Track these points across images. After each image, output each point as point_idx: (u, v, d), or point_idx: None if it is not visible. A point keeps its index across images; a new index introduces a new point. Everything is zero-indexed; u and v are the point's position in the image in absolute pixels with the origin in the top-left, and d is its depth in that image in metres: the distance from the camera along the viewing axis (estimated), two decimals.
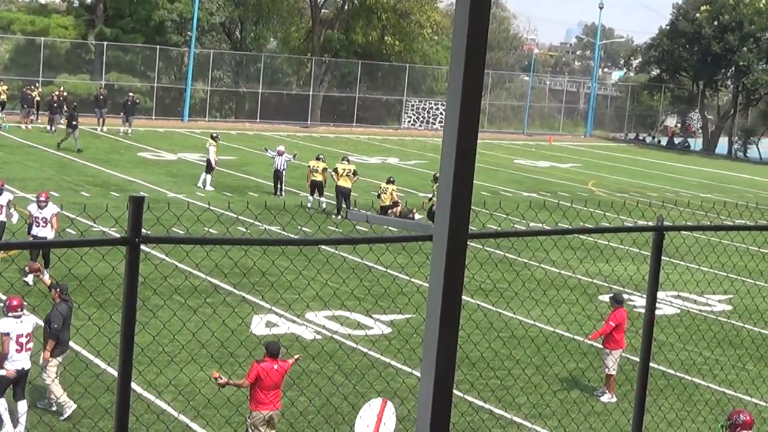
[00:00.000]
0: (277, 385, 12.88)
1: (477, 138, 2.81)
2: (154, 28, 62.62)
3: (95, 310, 14.77)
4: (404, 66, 70.47)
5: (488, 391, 15.82)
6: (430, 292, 2.88)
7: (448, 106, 2.82)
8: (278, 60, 70.68)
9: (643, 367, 6.63)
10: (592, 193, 42.07)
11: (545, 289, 18.37)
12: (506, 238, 20.64)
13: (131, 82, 61.20)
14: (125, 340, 4.59)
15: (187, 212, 12.56)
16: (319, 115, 67.86)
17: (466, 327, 16.51)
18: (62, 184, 33.42)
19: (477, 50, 2.78)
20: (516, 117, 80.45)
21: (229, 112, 68.28)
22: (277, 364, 12.87)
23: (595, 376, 17.15)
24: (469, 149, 2.81)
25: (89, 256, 14.69)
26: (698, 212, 16.45)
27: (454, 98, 2.79)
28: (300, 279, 17.75)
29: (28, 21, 62.42)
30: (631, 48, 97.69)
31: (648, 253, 6.45)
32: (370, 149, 54.22)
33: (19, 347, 13.54)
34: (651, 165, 58.48)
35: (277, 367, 12.83)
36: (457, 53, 2.78)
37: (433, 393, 2.87)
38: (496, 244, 22.18)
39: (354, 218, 4.32)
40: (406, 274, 19.40)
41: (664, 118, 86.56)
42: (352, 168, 31.87)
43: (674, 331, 18.76)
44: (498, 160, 52.21)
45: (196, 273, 19.43)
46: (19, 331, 13.60)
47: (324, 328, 18.67)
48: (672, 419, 14.64)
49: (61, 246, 6.16)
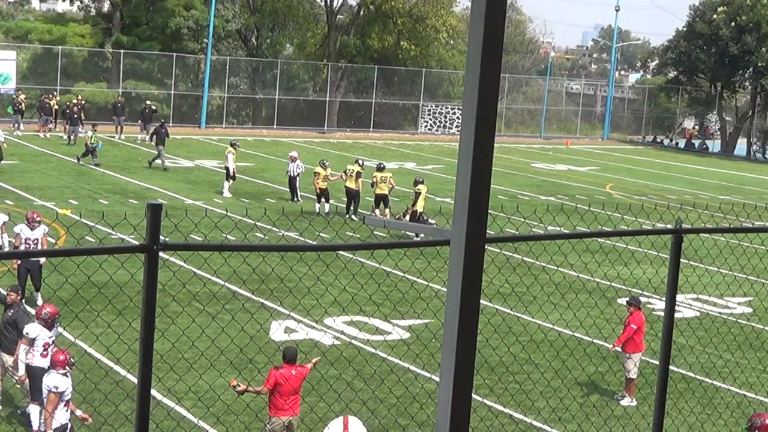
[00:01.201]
0: (296, 391, 12.89)
1: (494, 142, 2.81)
2: (170, 35, 62.83)
3: (114, 318, 14.79)
4: (420, 71, 70.47)
5: (507, 396, 15.80)
6: (448, 296, 2.88)
7: (465, 109, 2.81)
8: (294, 66, 70.79)
9: (663, 370, 6.61)
10: (611, 196, 41.96)
11: (564, 293, 18.33)
12: (524, 242, 20.61)
13: (148, 90, 61.40)
14: (144, 347, 4.60)
15: (204, 219, 12.62)
16: (336, 121, 67.92)
17: (485, 331, 16.52)
18: (81, 192, 33.54)
19: (493, 53, 2.77)
20: (533, 121, 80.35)
21: (245, 118, 68.41)
22: (295, 369, 12.89)
23: (614, 379, 17.10)
24: (486, 153, 2.81)
25: (108, 264, 14.73)
26: (717, 214, 16.35)
27: (470, 102, 2.79)
28: (318, 285, 17.77)
29: (46, 30, 62.70)
30: (647, 50, 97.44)
31: (667, 256, 6.43)
32: (387, 154, 54.22)
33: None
34: (669, 167, 58.30)
35: (295, 373, 12.85)
36: (473, 57, 2.77)
37: (452, 397, 2.87)
38: (513, 248, 22.14)
39: (371, 223, 4.35)
40: (425, 279, 19.39)
41: (682, 120, 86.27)
42: (358, 169, 32.22)
43: (694, 333, 18.70)
44: (515, 164, 52.14)
45: (214, 279, 19.47)
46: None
47: (342, 333, 18.67)
48: (692, 422, 14.58)
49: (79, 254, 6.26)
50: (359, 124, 69.16)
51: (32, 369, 13.70)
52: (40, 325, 13.88)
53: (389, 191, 31.23)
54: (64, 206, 29.57)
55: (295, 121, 66.65)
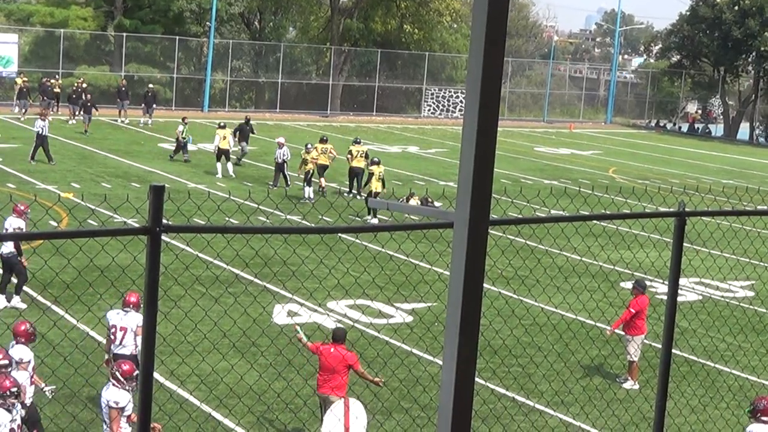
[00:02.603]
0: (335, 371, 12.93)
1: (497, 125, 2.81)
2: (173, 18, 62.75)
3: (116, 301, 14.81)
4: (424, 54, 70.37)
5: (510, 379, 15.81)
6: (451, 279, 2.86)
7: (468, 93, 2.80)
8: (297, 49, 70.69)
9: (666, 353, 6.60)
10: (614, 180, 41.93)
11: (567, 276, 18.33)
12: (527, 224, 20.60)
13: (151, 73, 61.32)
14: (147, 329, 4.59)
15: (207, 202, 12.53)
16: (339, 105, 67.86)
17: (488, 314, 16.51)
18: (83, 175, 33.53)
19: (496, 37, 2.76)
20: (536, 104, 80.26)
21: (248, 102, 68.34)
22: (335, 348, 13.01)
23: (617, 363, 17.11)
24: (489, 136, 2.79)
25: (110, 246, 14.74)
26: (719, 198, 16.37)
27: (473, 85, 2.78)
28: (321, 268, 17.77)
29: (48, 13, 62.57)
30: (651, 34, 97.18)
31: (670, 240, 6.41)
32: (390, 138, 54.19)
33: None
34: (672, 151, 58.24)
35: (334, 351, 12.95)
36: (476, 41, 2.76)
37: (455, 381, 2.86)
38: (517, 231, 22.13)
39: (374, 206, 4.26)
40: (428, 262, 19.37)
41: (685, 104, 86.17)
42: (365, 150, 33.12)
43: (696, 317, 18.70)
44: (518, 148, 52.10)
45: (217, 263, 19.47)
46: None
47: (345, 316, 18.68)
48: (695, 405, 14.59)
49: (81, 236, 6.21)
50: (362, 108, 69.10)
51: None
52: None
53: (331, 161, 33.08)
54: (67, 190, 29.57)
55: (298, 104, 66.60)
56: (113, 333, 13.88)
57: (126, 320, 13.93)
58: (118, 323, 13.95)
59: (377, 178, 29.85)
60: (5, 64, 55.79)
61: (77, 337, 16.21)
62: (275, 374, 14.88)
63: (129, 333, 13.88)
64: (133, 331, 13.81)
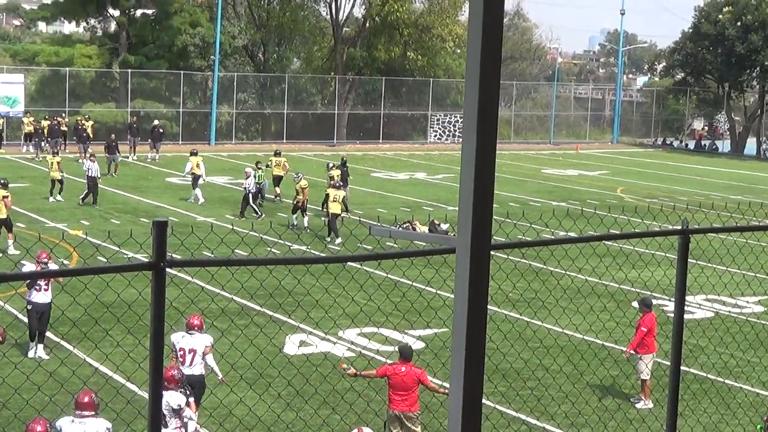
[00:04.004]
0: (407, 388, 13.43)
1: (496, 148, 2.82)
2: (177, 53, 63.05)
3: (123, 336, 14.87)
4: (428, 80, 70.55)
5: (520, 402, 15.79)
6: (455, 303, 2.88)
7: (466, 116, 2.83)
8: (302, 80, 70.93)
9: (675, 371, 6.59)
10: (622, 199, 41.92)
11: (572, 297, 18.33)
12: (531, 247, 20.60)
13: (157, 108, 61.61)
14: (154, 364, 4.61)
15: (211, 235, 12.67)
16: (345, 134, 68.02)
17: (495, 338, 16.52)
18: (92, 212, 33.65)
19: (492, 61, 2.78)
20: (542, 127, 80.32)
21: (255, 134, 68.53)
22: (405, 366, 13.47)
23: (628, 383, 17.07)
24: (488, 161, 2.81)
25: (116, 282, 14.79)
26: (723, 213, 16.35)
27: (471, 111, 2.80)
28: (326, 297, 17.82)
29: (53, 52, 62.94)
30: (654, 53, 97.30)
31: (675, 257, 6.43)
32: (398, 165, 54.29)
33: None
34: (679, 169, 58.20)
35: (405, 370, 13.42)
36: (472, 65, 2.79)
37: (463, 404, 2.87)
38: (521, 253, 22.15)
39: (377, 233, 4.31)
40: (433, 288, 19.40)
41: (691, 121, 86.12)
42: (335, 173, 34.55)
43: (704, 333, 18.67)
44: (526, 171, 52.12)
45: (223, 294, 19.52)
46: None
47: (353, 344, 18.70)
48: (707, 423, 14.55)
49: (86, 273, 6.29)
50: (368, 136, 69.24)
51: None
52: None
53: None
54: (76, 227, 29.69)
55: (304, 134, 66.76)
56: (182, 356, 14.35)
57: (193, 342, 14.45)
58: (186, 346, 14.43)
59: (333, 200, 29.97)
60: (12, 104, 56.07)
61: (88, 373, 16.26)
62: (285, 405, 14.90)
63: (197, 354, 14.40)
64: (201, 352, 14.40)
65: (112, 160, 43.88)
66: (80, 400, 11.66)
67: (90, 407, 11.63)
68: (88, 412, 11.61)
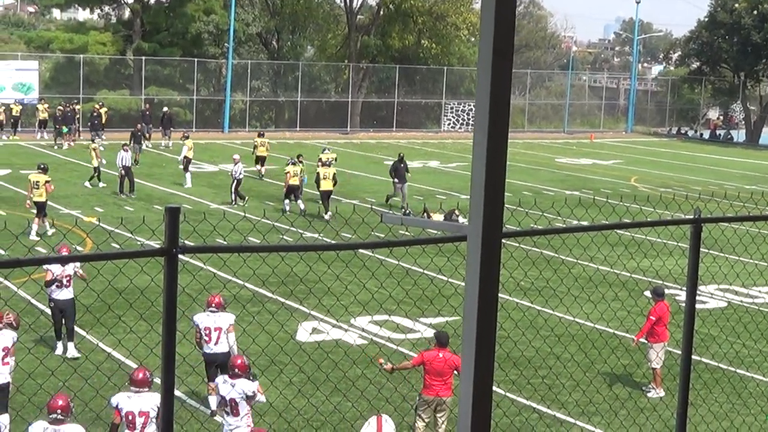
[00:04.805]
0: (444, 374, 13.53)
1: (508, 136, 2.82)
2: (191, 40, 63.10)
3: (136, 321, 14.94)
4: (442, 69, 70.46)
5: (531, 390, 15.81)
6: (466, 291, 2.88)
7: (478, 105, 2.82)
8: (316, 68, 70.92)
9: (686, 360, 6.59)
10: (636, 189, 41.84)
11: (584, 286, 18.34)
12: (542, 235, 20.62)
13: (170, 96, 61.69)
14: (167, 350, 4.63)
15: (224, 222, 12.74)
16: (359, 122, 68.02)
17: (506, 326, 16.53)
18: (106, 199, 33.75)
19: (504, 50, 2.78)
20: (556, 115, 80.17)
21: (268, 121, 68.57)
22: (443, 353, 13.52)
23: (639, 372, 17.07)
24: (499, 149, 2.81)
25: (128, 268, 14.86)
26: (736, 203, 16.33)
27: (483, 99, 2.79)
28: (338, 284, 17.85)
29: (67, 39, 63.02)
30: (669, 42, 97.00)
31: (687, 246, 6.43)
32: (411, 153, 54.21)
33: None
34: (694, 158, 58.05)
35: (443, 356, 13.49)
36: (484, 53, 2.78)
37: (473, 392, 2.87)
38: (532, 242, 22.16)
39: (389, 221, 4.31)
40: (444, 276, 19.41)
41: (706, 110, 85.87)
42: (334, 156, 36.08)
43: (716, 323, 18.65)
44: (540, 160, 52.05)
45: (235, 280, 19.58)
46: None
47: (363, 331, 18.74)
48: (717, 412, 14.55)
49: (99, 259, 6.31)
50: (382, 124, 69.23)
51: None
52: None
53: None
54: (90, 214, 29.78)
55: (318, 122, 66.79)
56: (207, 334, 14.61)
57: (218, 321, 14.69)
58: (212, 324, 14.66)
59: (323, 177, 31.44)
60: (26, 91, 56.22)
61: (100, 359, 16.35)
62: (296, 391, 14.95)
63: (222, 332, 14.65)
64: (226, 330, 14.64)
65: (138, 149, 44.13)
66: (135, 377, 12.03)
67: (145, 383, 12.01)
68: (145, 389, 11.97)
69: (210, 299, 14.89)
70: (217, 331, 14.65)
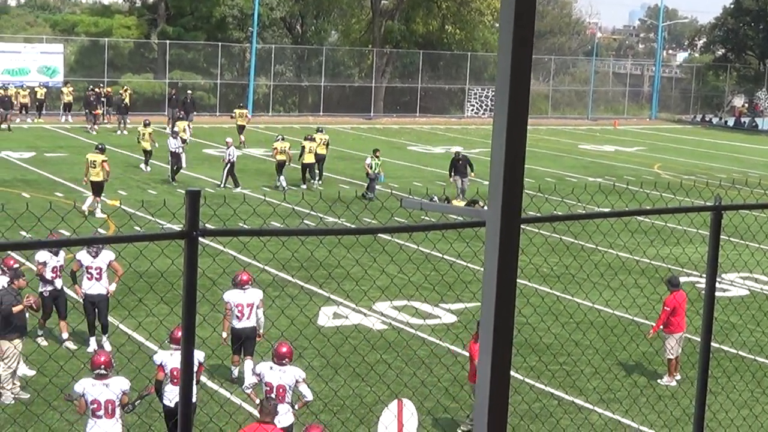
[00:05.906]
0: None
1: (527, 120, 2.83)
2: (215, 24, 63.20)
3: (156, 304, 15.03)
4: (466, 54, 70.33)
5: (549, 376, 15.82)
6: (485, 276, 2.89)
7: (498, 93, 2.82)
8: (340, 53, 70.92)
9: (705, 348, 6.58)
10: (659, 176, 41.68)
11: (603, 272, 18.30)
12: (562, 222, 20.60)
13: (194, 80, 61.82)
14: (186, 332, 4.66)
15: (245, 206, 12.80)
16: (382, 107, 68.01)
17: (525, 311, 16.55)
18: (130, 183, 33.90)
19: (525, 36, 2.79)
20: (580, 102, 79.90)
21: (292, 106, 68.64)
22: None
23: (658, 359, 17.03)
24: (519, 134, 2.82)
25: (149, 250, 14.94)
26: (757, 191, 16.26)
27: (503, 85, 2.80)
28: (358, 268, 17.91)
29: (92, 23, 63.28)
30: (695, 28, 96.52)
31: (708, 233, 6.42)
32: (434, 139, 54.23)
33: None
34: (718, 146, 57.77)
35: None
36: (504, 39, 2.79)
37: (491, 377, 2.89)
38: (552, 228, 22.14)
39: (408, 206, 4.31)
40: (464, 261, 19.42)
41: (731, 98, 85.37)
42: (327, 138, 36.61)
43: (735, 311, 18.60)
44: (563, 146, 51.92)
45: (255, 264, 19.65)
46: None
47: (383, 315, 18.80)
48: (736, 399, 14.52)
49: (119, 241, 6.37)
50: (405, 109, 69.18)
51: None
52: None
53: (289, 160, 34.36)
54: (114, 197, 29.90)
55: (341, 107, 66.81)
56: (240, 311, 15.10)
57: (249, 297, 15.20)
58: (244, 301, 15.14)
59: (308, 151, 33.94)
60: (51, 74, 56.44)
61: (121, 340, 16.47)
62: (315, 375, 15.02)
63: (254, 308, 15.22)
64: (256, 306, 15.20)
65: (123, 120, 47.14)
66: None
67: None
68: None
69: (240, 276, 15.28)
70: (249, 307, 15.14)
